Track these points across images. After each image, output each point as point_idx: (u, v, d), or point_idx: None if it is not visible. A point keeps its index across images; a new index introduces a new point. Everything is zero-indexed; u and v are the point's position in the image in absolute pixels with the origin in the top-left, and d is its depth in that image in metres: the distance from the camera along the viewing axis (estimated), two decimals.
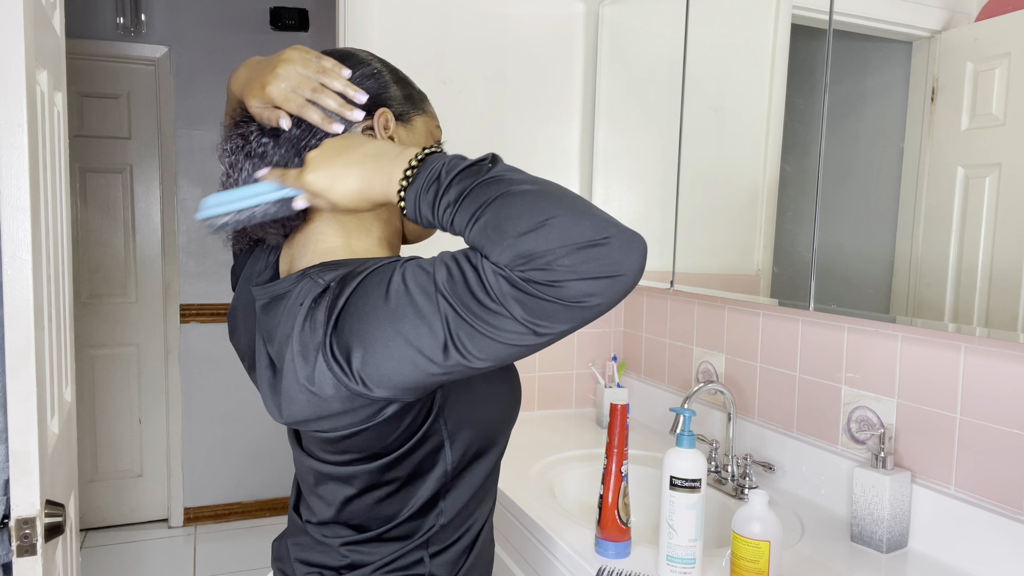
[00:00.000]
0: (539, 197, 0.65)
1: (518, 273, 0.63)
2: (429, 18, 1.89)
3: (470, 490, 0.85)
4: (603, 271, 0.63)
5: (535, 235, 0.63)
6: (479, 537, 0.90)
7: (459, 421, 0.81)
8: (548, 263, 0.62)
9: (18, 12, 0.92)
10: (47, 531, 0.99)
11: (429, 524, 0.84)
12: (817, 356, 1.46)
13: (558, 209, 0.64)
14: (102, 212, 3.27)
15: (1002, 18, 1.04)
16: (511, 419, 0.88)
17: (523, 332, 0.65)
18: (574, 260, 0.62)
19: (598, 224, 0.64)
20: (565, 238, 0.63)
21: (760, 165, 1.47)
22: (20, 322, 0.96)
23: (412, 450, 0.79)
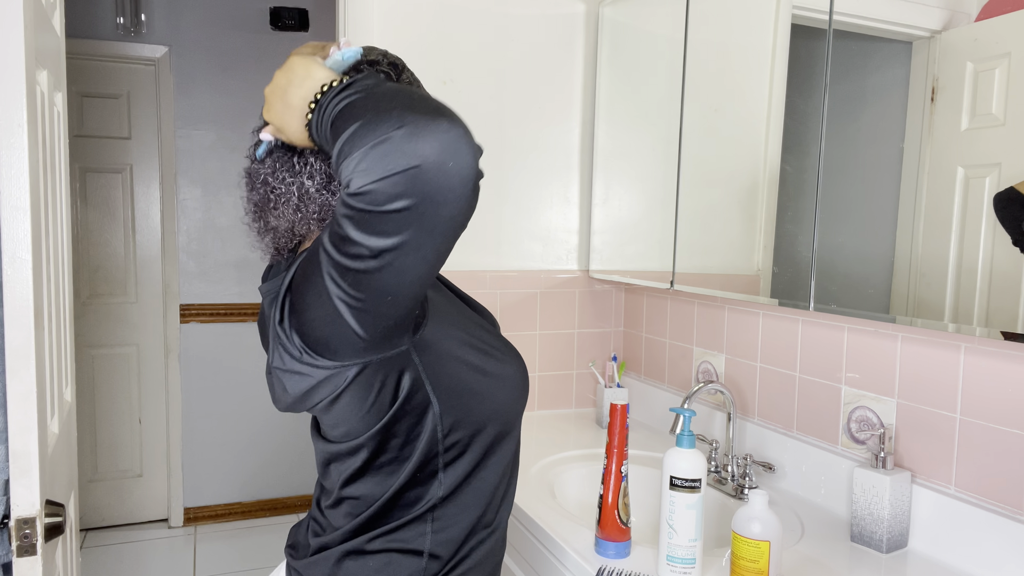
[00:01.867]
0: (364, 111, 0.64)
1: (343, 192, 0.63)
2: (429, 18, 1.89)
3: (470, 465, 0.86)
4: (392, 167, 0.60)
5: (345, 148, 0.62)
6: (487, 526, 0.90)
7: (447, 392, 0.81)
8: (352, 172, 0.61)
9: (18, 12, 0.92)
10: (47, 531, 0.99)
11: (430, 495, 0.84)
12: (817, 356, 1.45)
13: (369, 113, 0.63)
14: (102, 212, 3.27)
15: (1002, 18, 1.04)
16: (509, 406, 0.88)
17: (368, 254, 0.64)
18: (368, 163, 0.61)
19: (393, 119, 0.61)
20: (360, 142, 0.61)
21: (760, 165, 1.47)
22: (20, 322, 0.96)
23: (398, 413, 0.79)
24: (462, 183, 0.63)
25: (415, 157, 0.61)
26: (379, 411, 0.79)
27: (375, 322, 0.70)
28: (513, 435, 0.91)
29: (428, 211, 0.63)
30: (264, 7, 3.39)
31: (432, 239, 0.65)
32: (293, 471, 3.58)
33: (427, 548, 0.85)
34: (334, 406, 0.79)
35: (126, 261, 3.32)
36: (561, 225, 2.07)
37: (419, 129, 0.61)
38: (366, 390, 0.77)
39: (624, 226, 1.91)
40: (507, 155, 1.99)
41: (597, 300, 2.11)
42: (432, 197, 0.62)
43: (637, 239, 1.86)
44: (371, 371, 0.76)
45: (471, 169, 0.63)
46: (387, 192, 0.61)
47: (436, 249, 0.66)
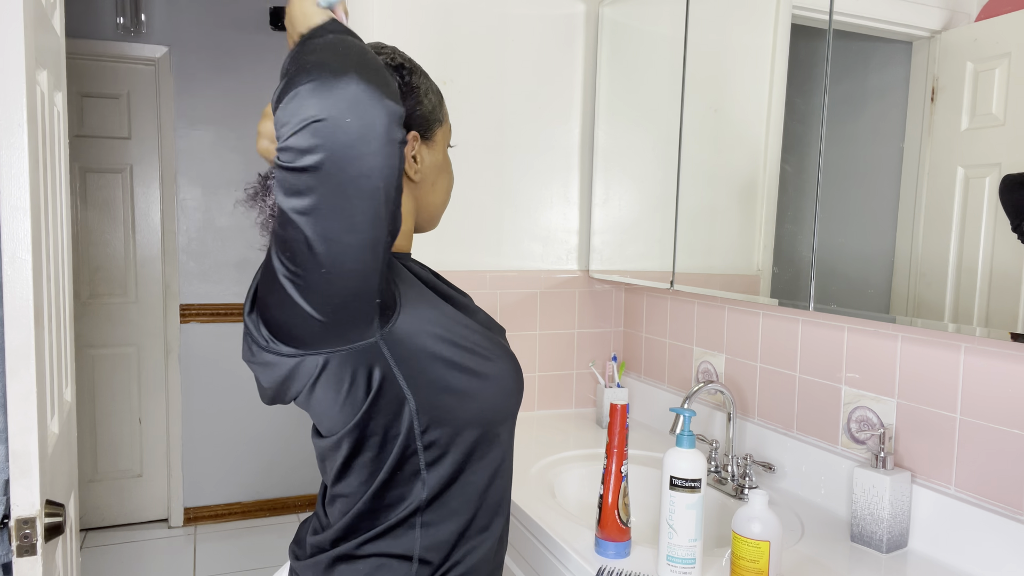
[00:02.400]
0: (294, 64, 0.65)
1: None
2: (429, 18, 1.89)
3: (453, 466, 0.84)
4: (297, 120, 0.60)
5: (276, 104, 0.63)
6: (481, 531, 0.89)
7: (423, 388, 0.80)
8: (276, 128, 0.62)
9: (18, 12, 0.92)
10: (47, 531, 0.99)
11: (414, 495, 0.83)
12: (817, 356, 1.46)
13: (294, 68, 0.63)
14: (102, 212, 3.27)
15: (1002, 18, 1.04)
16: (496, 406, 0.87)
17: (289, 218, 0.64)
18: (283, 116, 0.61)
19: (308, 72, 0.61)
20: (280, 97, 0.62)
21: (760, 165, 1.47)
22: (20, 322, 0.96)
23: (372, 409, 0.79)
24: (363, 141, 0.62)
25: (316, 110, 0.60)
26: (353, 405, 0.79)
27: (323, 301, 0.69)
28: (502, 438, 0.90)
29: (333, 169, 0.62)
30: (264, 7, 3.39)
31: (346, 201, 0.64)
32: (294, 471, 3.58)
33: (416, 552, 0.84)
34: (311, 399, 0.80)
35: (126, 261, 3.32)
36: (561, 225, 2.07)
37: (324, 83, 0.61)
38: (337, 383, 0.77)
39: (624, 226, 1.91)
40: (507, 155, 1.99)
41: (597, 300, 2.11)
42: (336, 155, 0.61)
43: (637, 239, 1.86)
44: (339, 363, 0.76)
45: (376, 128, 0.62)
46: (296, 147, 0.61)
47: (356, 215, 0.64)
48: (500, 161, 1.98)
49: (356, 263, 0.68)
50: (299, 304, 0.70)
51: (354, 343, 0.75)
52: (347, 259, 0.67)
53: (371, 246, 0.68)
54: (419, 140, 0.89)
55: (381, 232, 0.68)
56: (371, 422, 0.80)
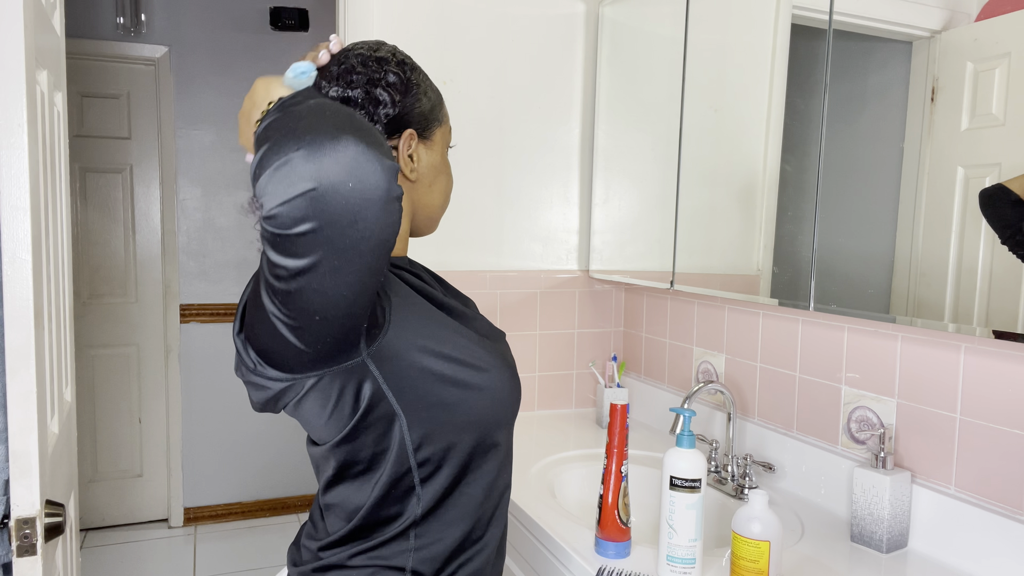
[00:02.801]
0: (276, 131, 0.64)
1: (260, 214, 0.63)
2: (429, 18, 1.89)
3: (448, 480, 0.83)
4: (292, 190, 0.59)
5: (256, 171, 0.62)
6: (476, 543, 0.88)
7: (414, 404, 0.79)
8: (262, 194, 0.61)
9: (18, 12, 0.92)
10: (47, 531, 0.99)
11: (409, 511, 0.83)
12: (817, 356, 1.45)
13: (278, 134, 0.62)
14: (102, 212, 3.27)
15: (1002, 18, 1.04)
16: (490, 418, 0.85)
17: (286, 275, 0.63)
18: (272, 186, 0.60)
19: (295, 138, 0.61)
20: (266, 164, 0.61)
21: (760, 165, 1.47)
22: (20, 322, 0.96)
23: (360, 425, 0.79)
24: (366, 204, 0.61)
25: (311, 179, 0.59)
26: (339, 421, 0.78)
27: (313, 339, 0.69)
28: (498, 449, 0.88)
29: (334, 234, 0.61)
30: (264, 7, 3.39)
31: (347, 260, 0.63)
32: (293, 471, 3.58)
33: (409, 566, 0.83)
34: (299, 411, 0.79)
35: (126, 261, 3.32)
36: (561, 225, 2.07)
37: (316, 149, 0.60)
38: (324, 399, 0.77)
39: (624, 226, 1.91)
40: (507, 155, 1.99)
41: (597, 300, 2.11)
42: (335, 219, 0.61)
43: (637, 239, 1.86)
44: (327, 381, 0.76)
45: (377, 189, 0.61)
46: (291, 215, 0.60)
47: (357, 269, 0.64)
48: (500, 161, 1.98)
49: (352, 307, 0.68)
50: (288, 339, 0.69)
51: (342, 364, 0.75)
52: (342, 306, 0.67)
53: (368, 291, 0.68)
54: (416, 139, 0.88)
55: (377, 278, 0.68)
56: (360, 437, 0.79)
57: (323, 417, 0.79)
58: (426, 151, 0.90)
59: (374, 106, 0.84)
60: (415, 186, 0.91)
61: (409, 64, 0.89)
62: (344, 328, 0.70)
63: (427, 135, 0.90)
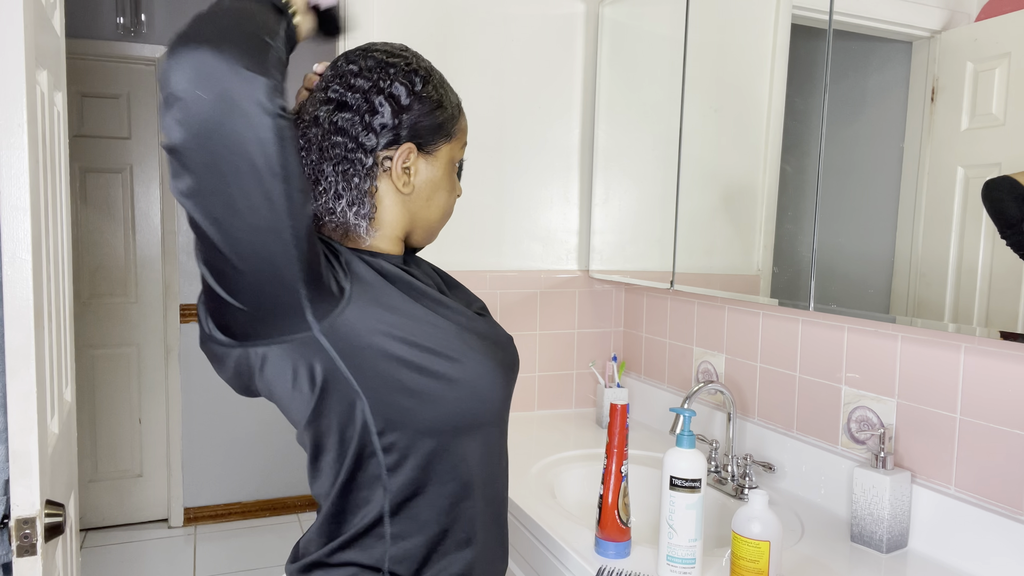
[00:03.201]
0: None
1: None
2: (429, 18, 1.89)
3: (416, 471, 0.81)
4: (163, 94, 0.61)
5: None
6: (461, 545, 0.86)
7: (375, 387, 0.78)
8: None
9: (18, 12, 0.92)
10: (47, 531, 0.99)
11: (377, 500, 0.82)
12: (817, 356, 1.45)
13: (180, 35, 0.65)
14: (102, 212, 3.27)
15: (1002, 18, 1.04)
16: (462, 410, 0.83)
17: (180, 200, 0.64)
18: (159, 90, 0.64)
19: (172, 43, 0.62)
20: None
21: (760, 165, 1.47)
22: (20, 322, 0.96)
23: (322, 405, 0.79)
24: (225, 115, 0.59)
25: (172, 84, 0.59)
26: (302, 400, 0.78)
27: (235, 288, 0.69)
28: (476, 443, 0.85)
29: (195, 147, 0.61)
30: None
31: (222, 181, 0.62)
32: (293, 471, 3.58)
33: (386, 565, 0.82)
34: (269, 390, 0.80)
35: (126, 261, 3.32)
36: (561, 225, 2.07)
37: (175, 55, 0.59)
38: (281, 376, 0.77)
39: (624, 226, 1.91)
40: (507, 155, 1.99)
41: (597, 300, 2.11)
42: (196, 131, 0.60)
43: (637, 239, 1.86)
44: (279, 355, 0.76)
45: (236, 101, 0.59)
46: (165, 124, 0.60)
47: (236, 196, 0.63)
48: (500, 161, 1.98)
49: (254, 247, 0.67)
50: (218, 291, 0.69)
51: (288, 335, 0.74)
52: (242, 244, 0.66)
53: (268, 230, 0.66)
54: (415, 152, 0.86)
55: (278, 216, 0.66)
56: (323, 418, 0.79)
57: (286, 397, 0.79)
58: (426, 165, 0.88)
59: (370, 114, 0.82)
60: (409, 199, 0.88)
61: (423, 75, 0.86)
62: (262, 278, 0.69)
63: (430, 150, 0.87)
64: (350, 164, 0.82)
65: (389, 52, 0.86)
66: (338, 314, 0.76)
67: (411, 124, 0.84)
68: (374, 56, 0.85)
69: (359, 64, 0.84)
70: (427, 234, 0.94)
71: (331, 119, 0.82)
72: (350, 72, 0.84)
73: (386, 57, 0.85)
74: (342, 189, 0.82)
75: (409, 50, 0.88)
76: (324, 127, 0.82)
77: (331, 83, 0.84)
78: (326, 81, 0.85)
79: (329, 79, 0.84)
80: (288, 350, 0.76)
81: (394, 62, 0.85)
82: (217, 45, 0.60)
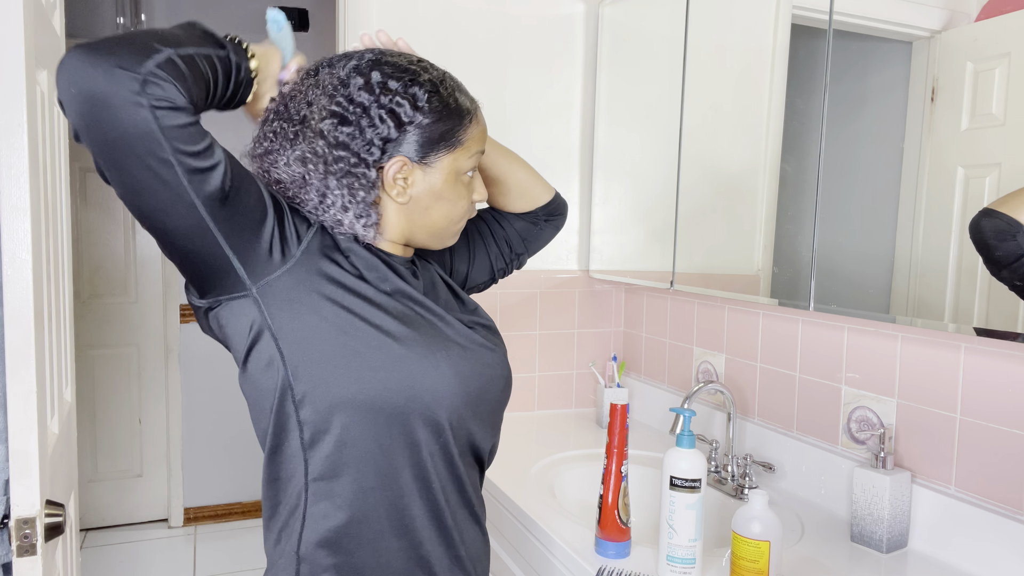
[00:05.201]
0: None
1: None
2: (429, 18, 1.89)
3: (333, 448, 0.80)
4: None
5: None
6: (375, 537, 0.83)
7: (297, 349, 0.80)
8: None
9: (18, 12, 0.92)
10: (47, 531, 0.99)
11: (299, 479, 0.82)
12: (817, 356, 1.46)
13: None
14: (102, 212, 3.27)
15: (1002, 18, 1.04)
16: (391, 396, 0.80)
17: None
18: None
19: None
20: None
21: (760, 165, 1.47)
22: (20, 322, 0.96)
23: (257, 375, 0.81)
24: (101, 110, 0.67)
25: (56, 88, 0.69)
26: (239, 357, 0.82)
27: (170, 252, 0.77)
28: (406, 439, 0.82)
29: (89, 140, 0.70)
30: (264, 7, 3.39)
31: (120, 170, 0.71)
32: None
33: (300, 548, 0.82)
34: (226, 342, 0.84)
35: (126, 261, 3.32)
36: None
37: (68, 57, 0.68)
38: (224, 332, 0.82)
39: (624, 226, 1.91)
40: None
41: (597, 300, 2.11)
42: (85, 126, 0.69)
43: (637, 239, 1.86)
44: (225, 314, 0.81)
45: (108, 98, 0.67)
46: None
47: (136, 181, 0.71)
48: None
49: (169, 222, 0.74)
50: (162, 245, 0.77)
51: (228, 294, 0.80)
52: (156, 219, 0.74)
53: (174, 208, 0.73)
54: (408, 164, 0.85)
55: (180, 196, 0.72)
56: (259, 387, 0.82)
57: (223, 328, 0.83)
58: (424, 176, 0.87)
59: (372, 129, 0.83)
60: (407, 208, 0.88)
61: (428, 88, 0.85)
62: (193, 249, 0.76)
63: (428, 161, 0.87)
64: (355, 178, 0.83)
65: (396, 67, 0.85)
66: (274, 274, 0.80)
67: (411, 136, 0.85)
68: (382, 69, 0.85)
69: (364, 77, 0.84)
70: (432, 239, 0.93)
71: (334, 133, 0.82)
72: (355, 85, 0.83)
73: (392, 71, 0.85)
74: (348, 203, 0.84)
75: (418, 63, 0.88)
76: (328, 141, 0.82)
77: (336, 93, 0.83)
78: (332, 88, 0.84)
79: (334, 88, 0.84)
80: (231, 309, 0.80)
81: (399, 76, 0.85)
82: (93, 50, 0.67)
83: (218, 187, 0.74)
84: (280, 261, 0.80)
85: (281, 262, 0.80)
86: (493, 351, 0.93)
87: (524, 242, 1.14)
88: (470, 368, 0.87)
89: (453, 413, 0.85)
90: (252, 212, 0.78)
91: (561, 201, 1.17)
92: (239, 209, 0.77)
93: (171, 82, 0.70)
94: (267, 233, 0.79)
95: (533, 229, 1.15)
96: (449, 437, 0.85)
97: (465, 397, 0.85)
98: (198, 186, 0.72)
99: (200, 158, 0.72)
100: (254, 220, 0.78)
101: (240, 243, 0.77)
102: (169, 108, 0.69)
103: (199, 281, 0.80)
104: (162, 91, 0.69)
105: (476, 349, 0.90)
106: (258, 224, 0.79)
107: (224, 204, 0.75)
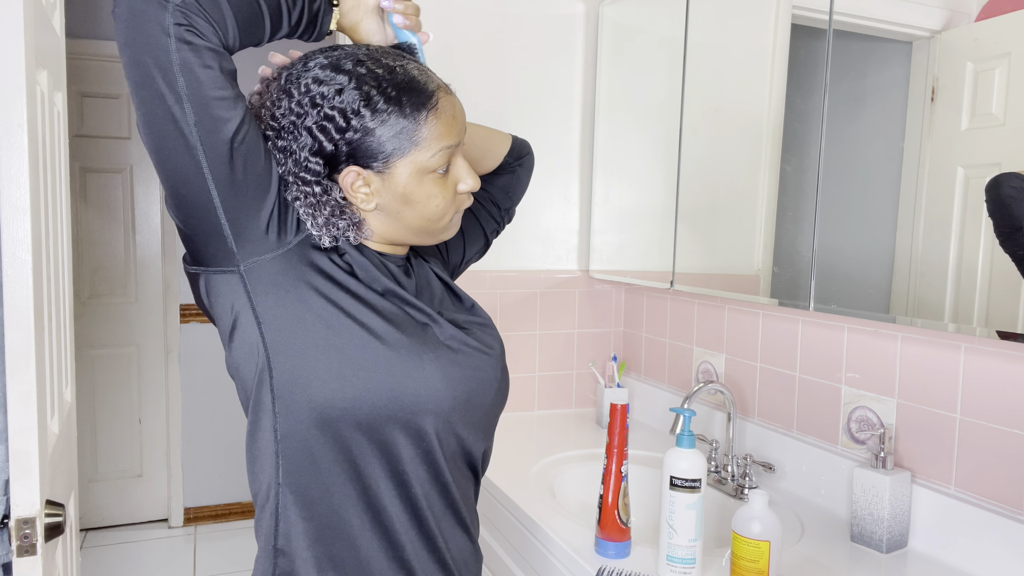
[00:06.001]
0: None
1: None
2: (429, 18, 1.89)
3: (303, 441, 0.78)
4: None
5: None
6: (353, 535, 0.80)
7: (280, 336, 0.78)
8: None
9: (18, 12, 0.92)
10: (47, 531, 0.99)
11: (273, 471, 0.80)
12: (817, 356, 1.46)
13: None
14: (102, 212, 3.27)
15: (1002, 18, 1.04)
16: (367, 395, 0.78)
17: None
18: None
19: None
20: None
21: (760, 165, 1.47)
22: (20, 322, 0.96)
23: (241, 357, 0.80)
24: (135, 29, 0.69)
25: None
26: (231, 348, 0.81)
27: (172, 202, 0.76)
28: (383, 442, 0.79)
29: (122, 49, 0.71)
30: None
31: (137, 91, 0.71)
32: None
33: (275, 543, 0.81)
34: (218, 327, 0.83)
35: (126, 261, 3.32)
36: (561, 225, 2.07)
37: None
38: (215, 311, 0.81)
39: (624, 226, 1.91)
40: None
41: (597, 300, 2.11)
42: (123, 42, 0.70)
43: (637, 239, 1.86)
44: (212, 288, 0.80)
45: (143, 20, 0.68)
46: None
47: (149, 109, 0.71)
48: None
49: (171, 164, 0.73)
50: (167, 195, 0.77)
51: (217, 266, 0.79)
52: (162, 157, 0.73)
53: (179, 150, 0.72)
54: (361, 173, 0.81)
55: (186, 139, 0.72)
56: (243, 370, 0.80)
57: (225, 343, 0.82)
58: (384, 182, 0.82)
59: (297, 141, 0.79)
60: (380, 213, 0.84)
61: (366, 91, 0.79)
62: (191, 200, 0.75)
63: (381, 168, 0.81)
64: (309, 193, 0.80)
65: (331, 66, 0.80)
66: (266, 260, 0.79)
67: (355, 146, 0.79)
68: (312, 72, 0.79)
69: (302, 83, 0.80)
70: (420, 237, 0.88)
71: (276, 151, 0.80)
72: (294, 90, 0.79)
73: (324, 76, 0.79)
74: (314, 212, 0.80)
75: (357, 55, 0.81)
76: (277, 157, 0.80)
77: (275, 106, 0.80)
78: (271, 102, 0.81)
79: (272, 102, 0.80)
80: (216, 283, 0.79)
81: (329, 81, 0.79)
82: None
83: (226, 140, 0.73)
84: (275, 243, 0.78)
85: (276, 244, 0.78)
86: (486, 354, 0.89)
87: (508, 195, 1.13)
88: (460, 372, 0.84)
89: (439, 418, 0.81)
90: (254, 184, 0.76)
91: (520, 142, 1.13)
92: (243, 175, 0.75)
93: (201, 15, 0.70)
94: (267, 210, 0.78)
95: (512, 178, 1.13)
96: (433, 442, 0.82)
97: (452, 402, 0.82)
98: (204, 133, 0.72)
99: (216, 105, 0.72)
100: (255, 193, 0.76)
101: (236, 212, 0.75)
102: (191, 44, 0.70)
103: (191, 243, 0.79)
104: (187, 25, 0.69)
105: (468, 352, 0.86)
106: (259, 198, 0.77)
107: (229, 163, 0.73)
